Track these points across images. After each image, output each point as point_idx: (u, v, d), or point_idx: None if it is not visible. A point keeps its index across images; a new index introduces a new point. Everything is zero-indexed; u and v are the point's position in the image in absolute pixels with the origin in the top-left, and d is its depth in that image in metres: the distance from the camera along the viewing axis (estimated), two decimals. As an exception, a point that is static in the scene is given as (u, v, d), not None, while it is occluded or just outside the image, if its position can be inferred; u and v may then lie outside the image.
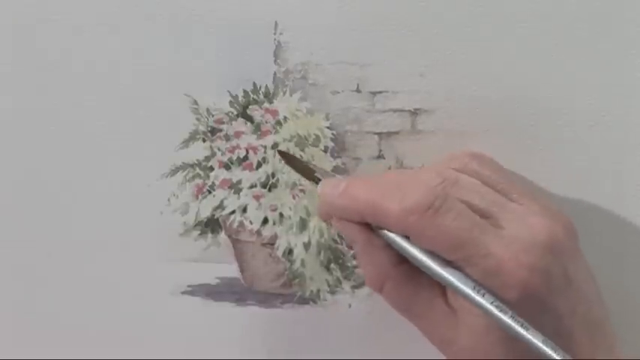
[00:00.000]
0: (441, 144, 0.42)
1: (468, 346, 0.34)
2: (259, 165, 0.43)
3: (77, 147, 0.43)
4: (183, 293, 0.44)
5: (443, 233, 0.33)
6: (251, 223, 0.43)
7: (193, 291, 0.44)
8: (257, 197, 0.43)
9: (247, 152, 0.43)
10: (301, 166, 0.40)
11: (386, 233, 0.35)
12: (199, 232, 0.44)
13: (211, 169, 0.43)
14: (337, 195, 0.36)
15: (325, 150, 0.42)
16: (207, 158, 0.43)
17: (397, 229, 0.34)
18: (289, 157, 0.40)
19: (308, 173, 0.39)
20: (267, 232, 0.43)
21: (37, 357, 0.45)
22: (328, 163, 0.42)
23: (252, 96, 0.42)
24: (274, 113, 0.42)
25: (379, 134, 0.42)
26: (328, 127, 0.42)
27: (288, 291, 0.44)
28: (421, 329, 0.36)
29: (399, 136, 0.42)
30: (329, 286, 0.44)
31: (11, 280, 0.45)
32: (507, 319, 0.32)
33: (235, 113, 0.43)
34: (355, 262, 0.43)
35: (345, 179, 0.37)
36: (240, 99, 0.42)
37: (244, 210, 0.43)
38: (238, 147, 0.43)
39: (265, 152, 0.43)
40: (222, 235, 0.44)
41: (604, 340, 0.35)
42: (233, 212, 0.43)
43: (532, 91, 0.41)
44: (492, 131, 0.41)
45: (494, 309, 0.32)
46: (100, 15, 0.42)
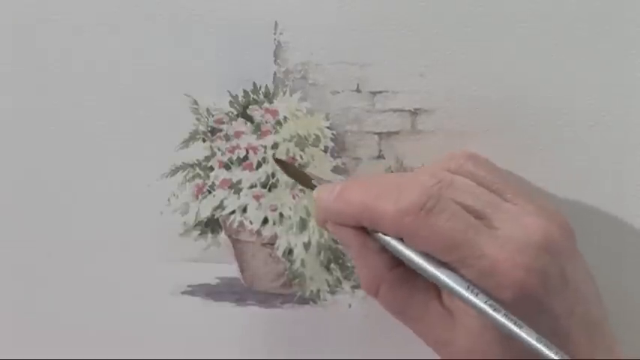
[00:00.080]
0: (441, 144, 0.42)
1: (465, 347, 0.34)
2: (259, 165, 0.43)
3: (77, 147, 0.43)
4: (183, 293, 0.44)
5: (437, 234, 0.33)
6: (251, 223, 0.43)
7: (193, 291, 0.44)
8: (257, 197, 0.43)
9: (247, 152, 0.43)
10: (297, 173, 0.40)
11: (380, 236, 0.35)
12: (199, 232, 0.44)
13: (211, 169, 0.43)
14: (332, 199, 0.36)
15: (325, 150, 0.42)
16: (207, 158, 0.43)
17: (391, 231, 0.34)
18: (285, 165, 0.41)
19: (304, 180, 0.39)
20: (267, 232, 0.43)
21: (37, 357, 0.45)
22: (328, 163, 0.42)
23: (252, 96, 0.42)
24: (274, 113, 0.42)
25: (379, 134, 0.42)
26: (328, 127, 0.42)
27: (288, 291, 0.44)
28: (417, 332, 0.36)
29: (399, 136, 0.42)
30: (329, 286, 0.44)
31: (11, 280, 0.45)
32: (501, 318, 0.31)
33: (235, 113, 0.43)
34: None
35: (340, 183, 0.37)
36: (240, 99, 0.42)
37: (244, 210, 0.43)
38: (238, 147, 0.43)
39: (265, 152, 0.43)
40: (222, 235, 0.44)
41: (603, 341, 0.34)
42: (233, 212, 0.43)
43: (532, 91, 0.41)
44: (492, 131, 0.41)
45: (487, 308, 0.32)
46: (100, 15, 0.42)
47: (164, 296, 0.44)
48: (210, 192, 0.43)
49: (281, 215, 0.43)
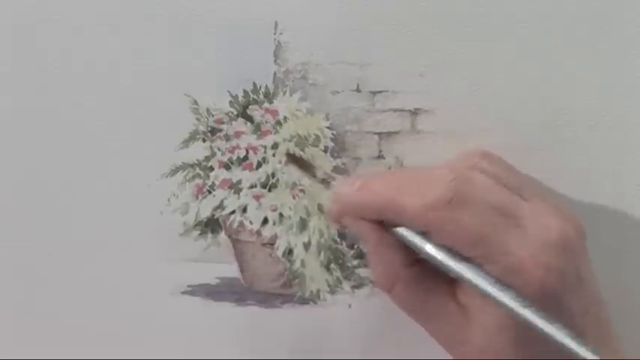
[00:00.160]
0: (441, 144, 0.42)
1: (479, 346, 0.34)
2: (259, 165, 0.43)
3: (77, 147, 0.43)
4: (183, 293, 0.44)
5: (463, 229, 0.33)
6: (251, 223, 0.43)
7: (193, 291, 0.44)
8: (257, 197, 0.43)
9: (247, 152, 0.43)
10: (308, 167, 0.40)
11: (400, 231, 0.35)
12: (199, 232, 0.44)
13: (211, 169, 0.43)
14: (354, 192, 0.36)
15: (325, 150, 0.42)
16: (207, 158, 0.43)
17: (417, 225, 0.34)
18: (297, 160, 0.40)
19: (315, 174, 0.39)
20: (267, 232, 0.43)
21: (37, 357, 0.45)
22: (328, 163, 0.42)
23: (252, 96, 0.42)
24: (274, 113, 0.42)
25: (379, 134, 0.42)
26: (328, 127, 0.42)
27: (288, 291, 0.44)
28: (430, 331, 0.36)
29: (399, 136, 0.42)
30: (329, 286, 0.44)
31: (11, 280, 0.45)
32: (530, 314, 0.31)
33: (235, 113, 0.43)
34: (355, 263, 0.43)
35: (360, 177, 0.37)
36: (240, 99, 0.42)
37: (244, 210, 0.43)
38: (238, 147, 0.43)
39: (265, 152, 0.43)
40: (222, 235, 0.44)
41: (610, 341, 0.35)
42: (233, 212, 0.43)
43: (532, 91, 0.41)
44: (492, 131, 0.41)
45: (516, 304, 0.32)
46: (100, 15, 0.42)
47: (164, 296, 0.44)
48: (210, 192, 0.43)
49: (281, 215, 0.43)
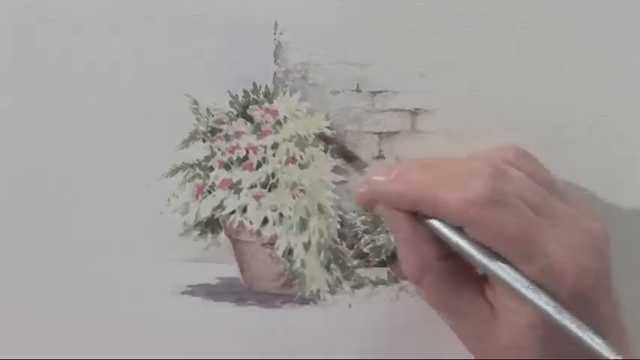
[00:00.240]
0: (441, 144, 0.42)
1: (506, 344, 0.34)
2: (259, 165, 0.43)
3: (77, 147, 0.43)
4: (183, 293, 0.44)
5: (504, 227, 0.33)
6: (251, 223, 0.43)
7: (193, 291, 0.44)
8: (257, 197, 0.43)
9: (247, 152, 0.43)
10: (342, 150, 0.39)
11: (434, 223, 0.34)
12: (199, 232, 0.44)
13: (211, 169, 0.43)
14: (390, 181, 0.35)
15: (325, 150, 0.42)
16: (207, 158, 0.43)
17: (455, 220, 0.33)
18: (328, 139, 0.40)
19: (350, 157, 0.38)
20: (267, 232, 0.43)
21: (37, 357, 0.45)
22: (328, 163, 0.42)
23: (252, 96, 0.42)
24: (274, 113, 0.42)
25: (379, 134, 0.42)
26: (328, 127, 0.42)
27: (288, 291, 0.44)
28: (455, 326, 0.36)
29: (399, 136, 0.42)
30: (329, 286, 0.44)
31: (11, 280, 0.45)
32: (564, 319, 0.31)
33: (235, 113, 0.43)
34: (355, 263, 0.43)
35: (395, 164, 0.36)
36: (240, 99, 0.42)
37: (244, 210, 0.43)
38: (238, 147, 0.43)
39: (265, 152, 0.43)
40: (222, 235, 0.44)
41: (627, 352, 0.35)
42: (233, 212, 0.43)
43: (532, 91, 0.41)
44: (492, 131, 0.41)
45: (550, 307, 0.32)
46: (100, 15, 0.42)
47: (164, 296, 0.44)
48: (210, 192, 0.43)
49: (281, 215, 0.43)
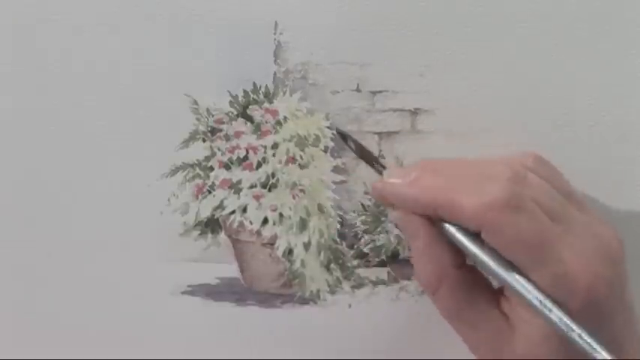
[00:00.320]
0: (441, 144, 0.42)
1: (520, 355, 0.33)
2: (259, 165, 0.43)
3: (77, 147, 0.43)
4: (183, 293, 0.44)
5: (520, 232, 0.32)
6: (251, 223, 0.43)
7: (193, 291, 0.44)
8: (257, 197, 0.43)
9: (247, 152, 0.43)
10: (360, 149, 0.39)
11: (450, 228, 0.34)
12: (199, 232, 0.44)
13: (211, 169, 0.43)
14: (407, 184, 0.35)
15: (325, 150, 0.42)
16: (207, 158, 0.43)
17: (472, 224, 0.33)
18: (346, 136, 0.39)
19: (368, 157, 0.38)
20: (267, 232, 0.43)
21: (37, 357, 0.45)
22: (328, 163, 0.42)
23: (252, 96, 0.42)
24: (274, 113, 0.42)
25: (379, 134, 0.42)
26: (328, 127, 0.42)
27: (288, 291, 0.44)
28: (468, 337, 0.35)
29: (399, 136, 0.42)
30: (329, 286, 0.44)
31: (11, 280, 0.45)
32: (576, 338, 0.31)
33: (235, 113, 0.43)
34: (355, 263, 0.43)
35: (413, 168, 0.36)
36: (240, 99, 0.42)
37: (244, 210, 0.43)
38: (238, 147, 0.43)
39: (265, 152, 0.43)
40: (222, 235, 0.44)
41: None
42: (233, 212, 0.43)
43: (532, 91, 0.41)
44: (492, 131, 0.41)
45: (562, 326, 0.32)
46: (100, 15, 0.42)
47: (164, 296, 0.44)
48: (210, 192, 0.43)
49: (281, 215, 0.43)
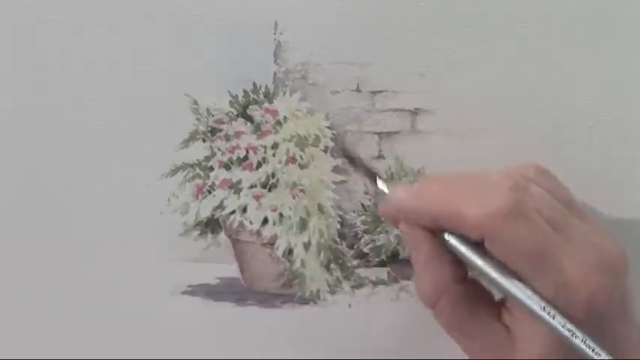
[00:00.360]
0: (441, 144, 0.42)
1: None
2: (259, 165, 0.43)
3: (77, 147, 0.43)
4: (183, 293, 0.44)
5: (522, 241, 0.32)
6: (251, 223, 0.43)
7: (193, 291, 0.44)
8: (257, 197, 0.43)
9: (247, 152, 0.43)
10: (362, 166, 0.39)
11: (452, 240, 0.34)
12: (199, 232, 0.44)
13: (211, 169, 0.43)
14: (411, 197, 0.35)
15: (325, 150, 0.42)
16: (207, 158, 0.43)
17: (474, 234, 0.33)
18: (350, 156, 0.40)
19: (370, 174, 0.39)
20: (267, 232, 0.43)
21: (37, 357, 0.45)
22: (328, 163, 0.42)
23: (252, 96, 0.42)
24: (274, 113, 0.42)
25: (379, 134, 0.42)
26: (328, 127, 0.42)
27: (288, 291, 0.44)
28: (469, 350, 0.35)
29: (399, 136, 0.42)
30: (329, 286, 0.44)
31: (11, 280, 0.45)
32: (579, 343, 0.31)
33: (235, 113, 0.43)
34: (355, 263, 0.43)
35: (417, 183, 0.36)
36: (240, 99, 0.42)
37: (244, 210, 0.43)
38: (238, 147, 0.43)
39: (265, 152, 0.43)
40: (222, 235, 0.44)
41: None
42: (233, 212, 0.43)
43: (532, 91, 0.41)
44: (492, 131, 0.41)
45: (565, 331, 0.32)
46: (100, 15, 0.42)
47: (164, 296, 0.44)
48: (210, 192, 0.43)
49: (281, 215, 0.43)
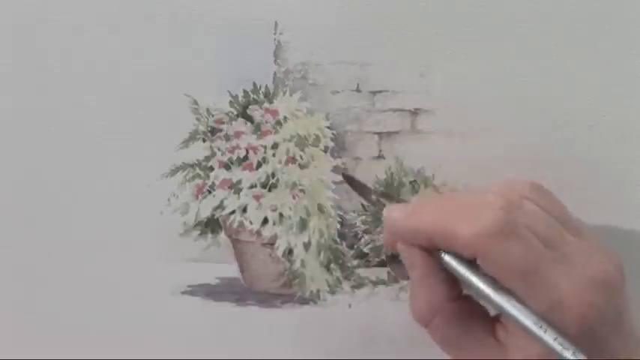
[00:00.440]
0: (441, 144, 0.42)
1: None
2: (259, 165, 0.43)
3: (77, 147, 0.43)
4: (183, 293, 0.44)
5: (514, 259, 0.33)
6: (251, 223, 0.43)
7: (193, 291, 0.44)
8: (257, 197, 0.43)
9: (247, 152, 0.43)
10: (360, 187, 0.40)
11: (447, 258, 0.34)
12: (199, 232, 0.44)
13: (211, 169, 0.43)
14: (405, 217, 0.35)
15: (325, 150, 0.42)
16: (207, 158, 0.43)
17: (467, 252, 0.33)
18: (350, 179, 0.40)
19: (367, 194, 0.39)
20: (267, 232, 0.43)
21: (37, 357, 0.45)
22: (328, 163, 0.42)
23: (252, 96, 0.42)
24: (274, 113, 0.42)
25: (379, 134, 0.42)
26: (328, 127, 0.42)
27: (288, 291, 0.44)
28: None
29: (399, 136, 0.42)
30: (329, 286, 0.44)
31: (11, 280, 0.45)
32: (570, 357, 0.31)
33: (235, 113, 0.43)
34: (355, 263, 0.43)
35: (412, 202, 0.37)
36: (240, 99, 0.42)
37: (244, 210, 0.43)
38: (238, 147, 0.43)
39: (265, 152, 0.43)
40: (222, 235, 0.44)
41: None
42: (233, 212, 0.43)
43: (532, 91, 0.41)
44: (492, 131, 0.41)
45: (556, 345, 0.32)
46: (100, 15, 0.42)
47: (164, 296, 0.44)
48: (210, 192, 0.43)
49: (281, 215, 0.43)
